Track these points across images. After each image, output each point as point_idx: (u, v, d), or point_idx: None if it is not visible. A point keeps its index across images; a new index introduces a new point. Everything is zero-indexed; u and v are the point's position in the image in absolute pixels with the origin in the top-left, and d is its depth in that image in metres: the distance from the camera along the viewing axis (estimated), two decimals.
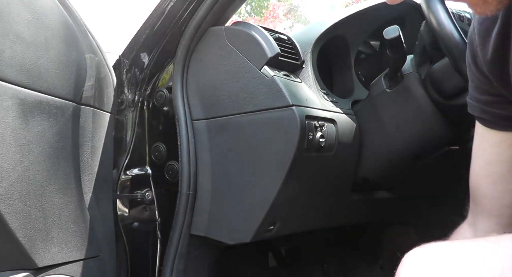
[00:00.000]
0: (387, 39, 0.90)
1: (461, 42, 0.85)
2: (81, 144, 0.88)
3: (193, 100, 1.01)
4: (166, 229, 1.04)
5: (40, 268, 0.76)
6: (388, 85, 1.03)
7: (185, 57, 1.02)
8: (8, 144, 0.69)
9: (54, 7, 0.84)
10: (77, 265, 0.85)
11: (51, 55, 0.79)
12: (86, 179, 0.90)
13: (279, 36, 1.02)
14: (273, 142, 0.90)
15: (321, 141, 0.91)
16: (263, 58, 0.92)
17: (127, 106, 1.07)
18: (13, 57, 0.70)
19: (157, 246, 1.06)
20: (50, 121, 0.78)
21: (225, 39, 0.97)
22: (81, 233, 0.86)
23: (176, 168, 1.04)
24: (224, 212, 0.97)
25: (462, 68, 0.87)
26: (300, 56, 1.02)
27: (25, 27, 0.73)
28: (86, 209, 0.89)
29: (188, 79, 1.02)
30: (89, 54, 0.91)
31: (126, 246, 1.06)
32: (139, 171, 1.08)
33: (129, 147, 1.06)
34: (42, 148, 0.77)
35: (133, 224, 1.07)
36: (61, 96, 0.81)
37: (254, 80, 0.92)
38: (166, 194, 1.08)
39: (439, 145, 1.07)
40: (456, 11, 1.04)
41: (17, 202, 0.70)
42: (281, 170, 0.89)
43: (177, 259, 1.01)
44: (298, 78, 1.00)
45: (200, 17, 0.99)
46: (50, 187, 0.78)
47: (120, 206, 1.05)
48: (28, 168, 0.73)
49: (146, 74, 1.06)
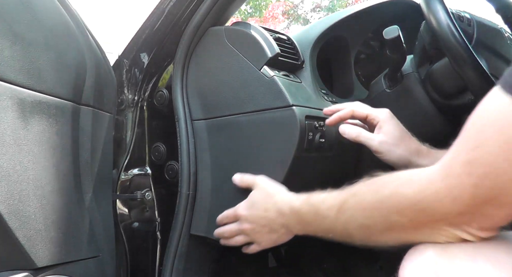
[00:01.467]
0: (387, 39, 0.90)
1: (461, 42, 0.85)
2: (81, 144, 0.88)
3: (193, 100, 1.01)
4: (166, 229, 1.04)
5: (40, 268, 0.76)
6: (388, 85, 1.03)
7: (185, 57, 1.02)
8: (8, 144, 0.69)
9: (54, 7, 0.84)
10: (77, 265, 0.85)
11: (50, 55, 0.79)
12: (86, 179, 0.90)
13: (279, 36, 1.02)
14: (273, 142, 0.90)
15: (321, 141, 0.91)
16: (263, 58, 0.92)
17: (127, 107, 1.07)
18: (13, 57, 0.70)
19: (157, 246, 1.06)
20: (50, 121, 0.78)
21: (225, 39, 0.97)
22: (80, 233, 0.86)
23: (176, 168, 1.04)
24: None
25: (462, 68, 0.87)
26: (300, 56, 1.02)
27: (25, 27, 0.73)
28: (86, 209, 0.89)
29: (188, 79, 1.02)
30: (89, 54, 0.91)
31: (126, 246, 1.06)
32: (139, 171, 1.08)
33: (129, 147, 1.06)
34: (42, 148, 0.77)
35: (133, 224, 1.07)
36: (61, 96, 0.81)
37: (254, 80, 0.92)
38: (166, 194, 1.08)
39: (439, 144, 1.07)
40: (456, 11, 1.04)
41: (17, 202, 0.70)
42: (281, 170, 0.89)
43: (177, 259, 1.01)
44: (298, 78, 1.00)
45: (200, 17, 0.99)
46: (50, 187, 0.78)
47: (120, 206, 1.05)
48: (28, 168, 0.73)
49: (146, 74, 1.06)
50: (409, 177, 0.58)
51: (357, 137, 0.87)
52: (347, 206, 0.67)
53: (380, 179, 0.63)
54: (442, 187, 0.52)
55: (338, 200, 0.70)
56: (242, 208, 0.89)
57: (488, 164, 0.48)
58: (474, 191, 0.49)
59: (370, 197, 0.63)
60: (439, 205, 0.53)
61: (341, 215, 0.68)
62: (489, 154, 0.47)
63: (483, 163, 0.48)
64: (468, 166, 0.49)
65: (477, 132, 0.49)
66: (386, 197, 0.60)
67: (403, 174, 0.60)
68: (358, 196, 0.66)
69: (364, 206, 0.64)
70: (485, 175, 0.48)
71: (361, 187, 0.66)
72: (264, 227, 0.85)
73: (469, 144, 0.50)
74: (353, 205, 0.66)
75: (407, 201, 0.57)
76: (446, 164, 0.53)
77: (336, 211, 0.69)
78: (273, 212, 0.83)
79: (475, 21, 1.05)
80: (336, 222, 0.69)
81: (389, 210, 0.59)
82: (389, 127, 0.87)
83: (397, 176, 0.60)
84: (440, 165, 0.54)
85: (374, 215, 0.62)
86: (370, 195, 0.63)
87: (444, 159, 0.54)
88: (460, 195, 0.51)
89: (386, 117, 0.88)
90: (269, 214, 0.84)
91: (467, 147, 0.50)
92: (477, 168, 0.49)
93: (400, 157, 0.86)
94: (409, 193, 0.56)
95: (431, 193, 0.53)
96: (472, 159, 0.49)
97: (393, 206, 0.59)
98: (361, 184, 0.67)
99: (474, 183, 0.49)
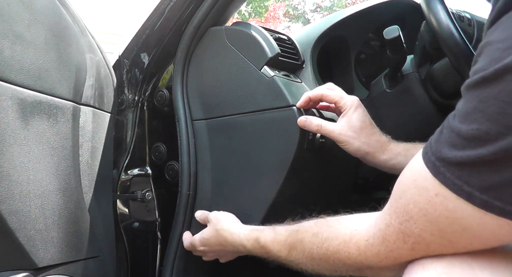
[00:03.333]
0: (387, 39, 0.90)
1: (461, 42, 0.85)
2: (81, 144, 0.88)
3: (193, 100, 1.01)
4: (166, 229, 1.04)
5: (40, 268, 0.76)
6: (388, 85, 1.03)
7: (185, 57, 1.02)
8: (8, 144, 0.69)
9: (54, 7, 0.84)
10: (77, 265, 0.85)
11: (51, 55, 0.79)
12: (86, 179, 0.90)
13: (279, 36, 1.02)
14: (273, 142, 0.90)
15: (321, 141, 0.91)
16: (263, 58, 0.92)
17: (127, 107, 1.07)
18: (13, 57, 0.70)
19: (157, 246, 1.06)
20: (50, 121, 0.78)
21: (225, 39, 0.97)
22: (81, 233, 0.86)
23: (176, 168, 1.04)
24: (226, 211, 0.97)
25: (462, 68, 0.86)
26: (300, 56, 1.02)
27: (25, 27, 0.73)
28: (86, 209, 0.89)
29: (188, 79, 1.02)
30: (89, 54, 0.91)
31: (126, 246, 1.06)
32: (139, 171, 1.08)
33: (129, 147, 1.06)
34: (42, 148, 0.77)
35: (133, 224, 1.07)
36: (61, 96, 0.81)
37: (254, 80, 0.92)
38: (166, 194, 1.08)
39: None
40: (456, 11, 1.04)
41: (17, 202, 0.70)
42: (281, 170, 0.89)
43: (177, 259, 1.01)
44: (298, 78, 1.00)
45: (200, 17, 0.99)
46: (50, 187, 0.78)
47: (120, 206, 1.05)
48: (28, 168, 0.73)
49: (146, 74, 1.06)
50: (349, 238, 0.61)
51: (318, 130, 0.86)
52: (296, 252, 0.71)
53: (322, 230, 0.66)
54: (381, 250, 0.56)
55: (287, 244, 0.73)
56: (200, 243, 0.94)
57: (418, 235, 0.51)
58: (411, 253, 0.53)
59: (316, 250, 0.66)
60: (381, 263, 0.57)
61: (292, 257, 0.72)
62: (417, 228, 0.50)
63: (414, 234, 0.51)
64: (401, 235, 0.52)
65: (404, 208, 0.52)
66: (331, 253, 0.63)
67: (343, 232, 0.63)
68: (304, 244, 0.69)
69: (312, 256, 0.67)
70: (418, 243, 0.51)
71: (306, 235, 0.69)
72: (224, 251, 0.93)
73: (399, 217, 0.52)
74: (301, 252, 0.70)
75: (351, 259, 0.60)
76: (382, 231, 0.55)
77: (286, 254, 0.73)
78: (228, 245, 0.89)
79: (475, 21, 1.05)
80: (288, 261, 0.74)
81: (336, 263, 0.63)
82: (351, 117, 0.86)
83: (338, 232, 0.63)
84: (377, 229, 0.56)
85: (321, 264, 0.66)
86: (316, 248, 0.66)
87: (379, 224, 0.56)
88: (399, 256, 0.54)
89: (351, 105, 0.87)
90: (225, 247, 0.90)
91: (398, 220, 0.52)
92: (410, 237, 0.51)
93: (358, 150, 0.86)
94: (352, 253, 0.60)
95: (372, 254, 0.57)
96: (404, 230, 0.52)
97: (339, 261, 0.62)
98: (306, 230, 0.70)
99: (410, 248, 0.52)
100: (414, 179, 0.50)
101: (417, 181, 0.50)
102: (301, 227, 0.72)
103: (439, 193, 0.47)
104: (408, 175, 0.52)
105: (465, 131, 0.43)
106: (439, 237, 0.49)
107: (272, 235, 0.78)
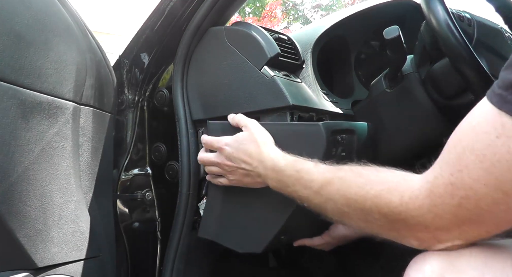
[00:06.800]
0: (387, 39, 0.90)
1: (461, 42, 0.85)
2: (81, 144, 0.88)
3: (193, 100, 1.01)
4: (166, 229, 1.04)
5: (40, 268, 0.76)
6: (388, 85, 1.03)
7: (185, 57, 1.02)
8: (8, 144, 0.69)
9: (54, 7, 0.84)
10: (77, 265, 0.85)
11: (51, 55, 0.79)
12: (86, 179, 0.90)
13: (279, 36, 1.02)
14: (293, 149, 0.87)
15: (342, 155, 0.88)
16: (263, 58, 0.92)
17: (127, 107, 1.07)
18: (13, 57, 0.70)
19: (157, 246, 1.06)
20: (50, 121, 0.78)
21: (225, 39, 0.97)
22: (81, 233, 0.86)
23: (176, 168, 1.04)
24: (237, 220, 0.95)
25: (462, 68, 0.86)
26: (300, 56, 1.02)
27: (25, 27, 0.73)
28: (86, 209, 0.89)
29: (188, 79, 1.02)
30: (89, 54, 0.91)
31: (126, 246, 1.06)
32: (139, 171, 1.08)
33: (129, 147, 1.06)
34: (42, 148, 0.77)
35: (133, 224, 1.07)
36: (61, 96, 0.81)
37: (254, 81, 0.92)
38: (166, 194, 1.08)
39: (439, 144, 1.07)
40: (456, 11, 1.04)
41: (17, 202, 0.70)
42: None
43: (177, 259, 1.01)
44: (298, 78, 1.00)
45: (200, 17, 0.99)
46: (50, 187, 0.78)
47: (120, 206, 1.05)
48: (28, 168, 0.73)
49: (146, 74, 1.06)
50: (396, 185, 0.58)
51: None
52: (331, 187, 0.67)
53: (368, 173, 0.63)
54: (425, 203, 0.53)
55: (323, 177, 0.69)
56: (227, 144, 0.86)
57: (470, 187, 0.49)
58: (456, 210, 0.51)
59: (355, 189, 0.62)
60: (420, 218, 0.54)
61: (323, 192, 0.68)
62: (470, 178, 0.49)
63: (464, 186, 0.49)
64: (450, 187, 0.51)
65: (458, 156, 0.50)
66: (371, 196, 0.60)
67: (391, 178, 0.60)
68: (344, 182, 0.65)
69: (347, 195, 0.63)
70: (467, 197, 0.49)
71: (349, 174, 0.66)
72: (241, 169, 0.84)
73: (451, 167, 0.51)
74: (337, 188, 0.65)
75: (390, 208, 0.57)
76: (430, 182, 0.54)
77: (318, 187, 0.69)
78: (255, 160, 0.81)
79: (475, 21, 1.05)
80: (315, 196, 0.69)
81: (371, 209, 0.60)
82: None
83: (386, 177, 0.61)
84: (425, 181, 0.54)
85: (355, 206, 0.62)
86: (356, 187, 0.63)
87: (428, 176, 0.55)
88: (443, 213, 0.52)
89: None
90: (251, 161, 0.81)
91: (449, 170, 0.51)
92: (459, 190, 0.50)
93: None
94: (393, 201, 0.57)
95: (414, 207, 0.55)
96: (454, 182, 0.50)
97: (376, 207, 0.59)
98: (350, 170, 0.66)
99: (456, 204, 0.50)
100: (473, 125, 0.49)
101: (476, 127, 0.49)
102: (344, 166, 0.68)
103: (501, 134, 0.46)
104: (466, 124, 0.51)
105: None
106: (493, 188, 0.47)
107: (311, 164, 0.73)
